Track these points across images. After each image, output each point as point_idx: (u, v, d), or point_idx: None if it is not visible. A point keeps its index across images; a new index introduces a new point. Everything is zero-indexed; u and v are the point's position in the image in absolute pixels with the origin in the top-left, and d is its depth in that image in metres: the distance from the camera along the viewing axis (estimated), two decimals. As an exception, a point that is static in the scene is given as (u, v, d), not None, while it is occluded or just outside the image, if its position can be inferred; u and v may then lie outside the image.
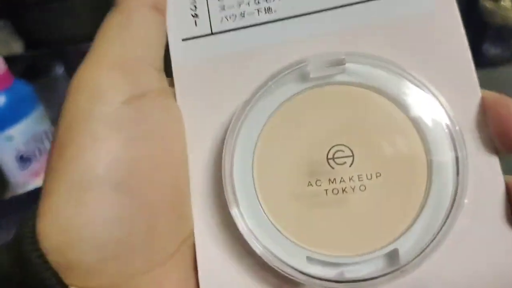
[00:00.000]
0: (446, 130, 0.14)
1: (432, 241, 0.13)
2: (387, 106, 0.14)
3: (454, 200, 0.14)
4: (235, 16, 0.16)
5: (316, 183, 0.14)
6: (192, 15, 0.16)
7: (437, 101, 0.14)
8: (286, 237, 0.14)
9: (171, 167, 0.15)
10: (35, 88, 0.54)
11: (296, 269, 0.14)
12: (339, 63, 0.14)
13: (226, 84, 0.16)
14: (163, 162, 0.15)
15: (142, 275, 0.14)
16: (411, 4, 0.15)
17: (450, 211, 0.13)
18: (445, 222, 0.13)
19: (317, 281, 0.14)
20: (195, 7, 0.16)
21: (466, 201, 0.14)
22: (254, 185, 0.14)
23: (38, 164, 0.56)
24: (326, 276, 0.14)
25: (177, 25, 0.16)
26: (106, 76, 0.15)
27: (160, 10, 0.16)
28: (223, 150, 0.15)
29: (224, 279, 0.15)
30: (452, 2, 0.16)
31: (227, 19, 0.16)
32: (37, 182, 0.53)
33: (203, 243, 0.15)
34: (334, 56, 0.14)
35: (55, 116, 0.65)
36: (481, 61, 0.74)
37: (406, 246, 0.13)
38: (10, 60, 0.50)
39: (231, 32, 0.16)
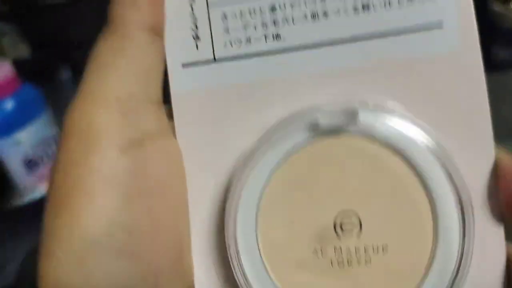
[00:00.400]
0: (456, 197, 0.13)
1: None
2: (400, 168, 0.13)
3: (458, 268, 0.13)
4: (240, 41, 0.14)
5: (321, 250, 0.14)
6: (193, 36, 0.15)
7: (451, 164, 0.13)
8: None
9: (172, 225, 0.14)
10: (41, 91, 0.54)
11: None
12: (352, 113, 0.13)
13: (230, 122, 0.14)
14: (165, 219, 0.14)
15: None
16: (436, 43, 0.14)
17: (454, 279, 0.13)
18: (449, 281, 0.13)
19: None
20: (196, 27, 0.14)
21: (466, 262, 0.14)
22: (260, 253, 0.14)
23: (46, 169, 0.56)
24: None
25: (177, 48, 0.15)
26: (101, 119, 0.13)
27: (158, 32, 0.14)
28: (225, 212, 0.14)
29: None
30: (476, 41, 0.15)
31: (231, 45, 0.14)
32: (45, 187, 0.53)
33: None
34: (347, 104, 0.13)
35: (61, 119, 0.65)
36: (490, 65, 0.73)
37: None
38: (17, 64, 0.50)
39: (236, 61, 0.14)
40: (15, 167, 0.54)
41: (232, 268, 0.14)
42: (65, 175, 0.13)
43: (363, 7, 0.14)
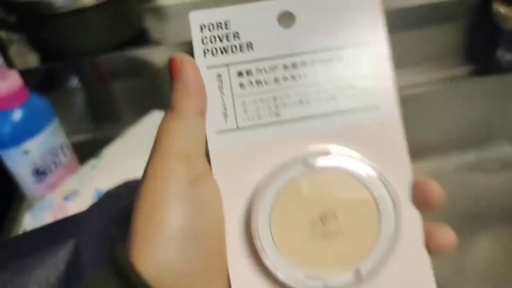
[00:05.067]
0: (390, 195, 0.22)
1: (379, 266, 0.22)
2: (356, 186, 0.22)
3: (394, 237, 0.22)
4: (254, 117, 0.23)
5: (313, 231, 0.22)
6: (223, 115, 0.23)
7: (386, 181, 0.22)
8: (294, 264, 0.22)
9: (219, 225, 0.22)
10: (49, 100, 0.55)
11: (296, 281, 0.22)
12: (326, 154, 0.23)
13: (249, 166, 0.23)
14: (214, 222, 0.22)
15: None
16: (365, 117, 0.23)
17: (391, 246, 0.22)
18: (387, 252, 0.22)
19: None
20: (225, 109, 0.23)
21: (397, 239, 0.22)
22: (271, 232, 0.22)
23: (53, 177, 0.56)
24: (315, 286, 0.22)
25: (212, 121, 0.23)
26: (174, 164, 0.21)
27: (203, 113, 0.22)
28: (252, 211, 0.22)
29: None
30: (396, 110, 0.23)
31: (248, 120, 0.23)
32: (52, 197, 0.53)
33: (236, 273, 0.22)
34: (322, 150, 0.23)
35: (69, 127, 0.66)
36: (495, 67, 0.74)
37: (366, 267, 0.22)
38: (25, 73, 0.51)
39: (252, 128, 0.23)
40: (24, 176, 0.54)
41: (253, 236, 0.22)
42: (153, 195, 0.20)
43: (330, 97, 0.23)
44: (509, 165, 0.74)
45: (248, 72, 0.23)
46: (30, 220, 0.51)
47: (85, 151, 0.59)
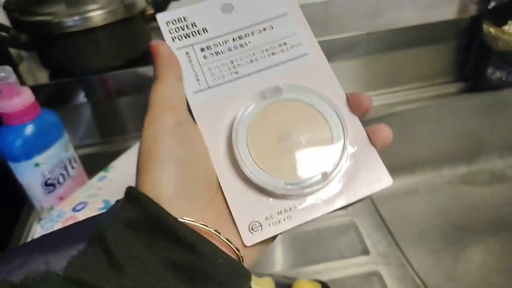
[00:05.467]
0: (332, 107, 0.29)
1: (339, 163, 0.28)
2: (305, 106, 0.29)
3: (344, 137, 0.28)
4: (219, 77, 0.29)
5: (281, 146, 0.28)
6: (196, 80, 0.29)
7: (331, 102, 0.29)
8: (274, 176, 0.27)
9: (203, 155, 0.27)
10: (58, 114, 0.56)
11: (279, 188, 0.27)
12: (279, 89, 0.29)
13: (222, 111, 0.29)
14: (199, 152, 0.27)
15: (194, 214, 0.25)
16: (301, 62, 0.30)
17: (343, 147, 0.28)
18: (342, 153, 0.28)
19: (294, 192, 0.27)
20: (197, 75, 0.29)
21: (348, 141, 0.28)
22: (250, 153, 0.27)
23: (62, 189, 0.58)
24: (295, 189, 0.27)
25: (189, 85, 0.29)
26: (163, 112, 0.26)
27: (181, 79, 0.28)
28: (232, 140, 0.27)
29: (245, 201, 0.27)
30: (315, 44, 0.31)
31: (216, 79, 0.29)
32: (61, 208, 0.55)
33: (228, 187, 0.27)
34: (275, 87, 0.29)
35: (78, 141, 0.68)
36: (485, 84, 0.75)
37: (329, 167, 0.27)
38: (34, 89, 0.52)
39: (219, 85, 0.29)
40: (34, 188, 0.56)
41: (239, 164, 0.27)
42: (152, 134, 0.25)
43: (271, 54, 0.30)
44: (500, 178, 0.76)
45: (208, 47, 0.30)
46: (40, 231, 0.53)
47: (93, 164, 0.61)
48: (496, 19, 0.70)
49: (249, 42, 0.30)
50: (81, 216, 0.53)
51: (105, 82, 0.64)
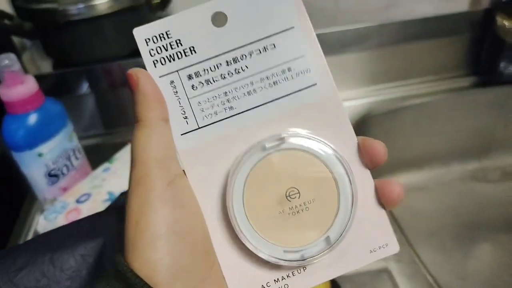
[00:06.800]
0: (342, 164, 0.25)
1: (344, 230, 0.25)
2: (315, 163, 0.25)
3: (352, 202, 0.25)
4: (211, 114, 0.25)
5: (282, 209, 0.25)
6: (183, 117, 0.25)
7: (340, 156, 0.25)
8: (272, 243, 0.25)
9: (198, 220, 0.24)
10: (62, 104, 0.55)
11: (277, 258, 0.25)
12: (282, 138, 0.25)
13: (215, 160, 0.25)
14: (193, 217, 0.24)
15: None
16: (308, 96, 0.25)
17: (351, 210, 0.25)
18: (349, 220, 0.25)
19: (293, 263, 0.25)
20: (184, 111, 0.25)
21: (356, 206, 0.25)
22: (247, 217, 0.25)
23: (66, 181, 0.57)
24: (294, 258, 0.25)
25: (176, 125, 0.25)
26: (150, 171, 0.22)
27: (167, 120, 0.24)
28: (226, 199, 0.24)
29: (241, 271, 0.25)
30: (336, 94, 0.26)
31: (207, 117, 0.25)
32: (65, 199, 0.54)
33: (223, 257, 0.25)
34: (278, 135, 0.25)
35: (81, 132, 0.67)
36: (498, 78, 0.74)
37: (333, 233, 0.25)
38: (37, 78, 0.52)
39: (211, 125, 0.25)
40: (37, 179, 0.55)
41: (232, 223, 0.24)
42: (139, 204, 0.22)
43: (272, 84, 0.25)
44: (511, 175, 0.75)
45: (197, 74, 0.25)
46: (43, 222, 0.52)
47: (97, 155, 0.60)
48: (510, 11, 0.68)
49: (246, 67, 0.25)
50: (85, 207, 0.52)
51: (109, 72, 0.63)
